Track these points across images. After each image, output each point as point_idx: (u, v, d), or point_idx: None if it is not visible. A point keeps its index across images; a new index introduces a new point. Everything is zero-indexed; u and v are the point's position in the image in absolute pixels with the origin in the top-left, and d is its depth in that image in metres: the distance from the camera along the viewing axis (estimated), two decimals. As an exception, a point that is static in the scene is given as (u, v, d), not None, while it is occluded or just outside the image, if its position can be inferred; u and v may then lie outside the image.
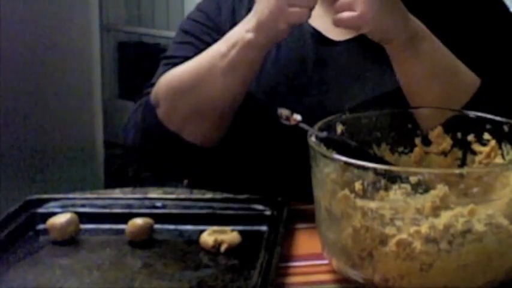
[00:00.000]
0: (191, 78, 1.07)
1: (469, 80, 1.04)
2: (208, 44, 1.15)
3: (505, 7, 1.18)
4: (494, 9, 1.17)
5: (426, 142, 0.96)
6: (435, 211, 0.78)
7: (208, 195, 1.05)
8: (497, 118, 0.93)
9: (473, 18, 1.13)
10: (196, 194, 1.07)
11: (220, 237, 0.91)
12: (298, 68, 1.13)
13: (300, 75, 1.10)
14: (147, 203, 1.02)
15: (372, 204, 0.80)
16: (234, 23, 1.14)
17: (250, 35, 1.00)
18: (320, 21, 1.13)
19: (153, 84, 1.15)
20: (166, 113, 1.08)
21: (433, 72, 1.01)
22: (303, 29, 1.14)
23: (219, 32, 1.16)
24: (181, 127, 1.08)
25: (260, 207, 0.99)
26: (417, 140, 0.96)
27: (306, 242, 0.94)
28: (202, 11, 1.20)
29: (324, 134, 0.88)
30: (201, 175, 1.23)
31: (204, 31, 1.17)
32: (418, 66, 1.00)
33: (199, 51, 1.11)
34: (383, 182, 0.84)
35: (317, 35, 1.14)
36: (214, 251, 0.91)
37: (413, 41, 0.99)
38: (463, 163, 0.95)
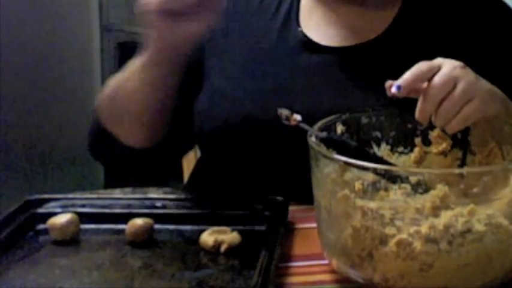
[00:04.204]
0: (115, 88, 1.12)
1: None
2: None
3: None
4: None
5: (426, 142, 0.96)
6: (435, 211, 0.78)
7: (208, 195, 1.05)
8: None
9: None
10: (196, 194, 1.07)
11: (220, 237, 0.91)
12: (287, 75, 1.12)
13: (290, 83, 1.10)
14: (147, 203, 1.02)
15: (372, 204, 0.80)
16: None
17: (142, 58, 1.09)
18: (310, 27, 1.13)
19: None
20: (102, 117, 1.15)
21: None
22: (293, 36, 1.14)
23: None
24: (115, 131, 1.13)
25: (260, 207, 0.99)
26: (417, 140, 0.96)
27: (306, 242, 0.94)
28: None
29: (324, 134, 0.88)
30: (202, 175, 1.23)
31: None
32: None
33: None
34: (383, 182, 0.84)
35: (307, 42, 1.13)
36: (214, 251, 0.90)
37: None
38: (463, 163, 0.95)
